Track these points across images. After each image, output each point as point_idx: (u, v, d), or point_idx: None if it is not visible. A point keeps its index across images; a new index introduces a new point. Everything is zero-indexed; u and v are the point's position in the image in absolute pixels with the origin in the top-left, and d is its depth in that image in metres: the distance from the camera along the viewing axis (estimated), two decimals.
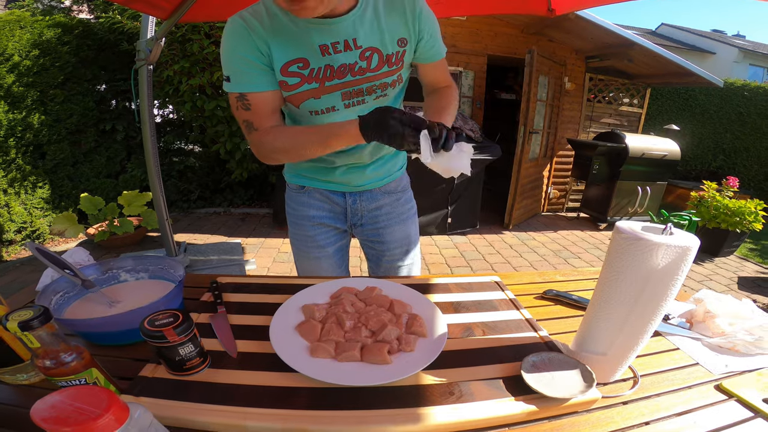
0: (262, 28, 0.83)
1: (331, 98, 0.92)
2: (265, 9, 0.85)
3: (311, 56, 0.87)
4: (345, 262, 1.29)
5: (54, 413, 0.39)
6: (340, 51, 0.87)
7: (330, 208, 1.17)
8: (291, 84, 0.89)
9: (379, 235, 1.20)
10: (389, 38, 0.90)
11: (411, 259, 1.25)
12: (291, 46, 0.85)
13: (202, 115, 4.33)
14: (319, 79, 0.89)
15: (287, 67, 0.87)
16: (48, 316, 0.52)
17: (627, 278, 0.64)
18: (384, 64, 0.92)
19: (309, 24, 0.83)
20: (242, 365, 0.69)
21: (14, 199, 3.61)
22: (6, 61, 3.55)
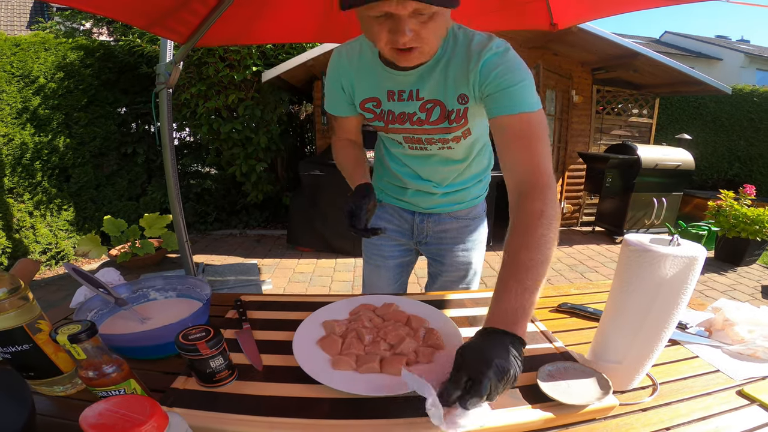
0: (349, 64, 0.98)
1: (395, 137, 1.05)
2: (360, 47, 0.97)
3: (382, 97, 0.97)
4: (403, 278, 1.35)
5: (101, 420, 0.43)
6: (403, 99, 0.94)
7: (399, 224, 1.25)
8: (367, 117, 1.04)
9: (440, 255, 1.25)
10: (451, 93, 0.89)
11: (467, 283, 1.27)
12: (370, 85, 0.97)
13: (218, 138, 4.44)
14: (384, 120, 1.00)
15: (365, 103, 1.00)
16: (94, 330, 0.57)
17: (637, 289, 0.66)
18: (445, 119, 0.92)
19: (383, 70, 0.92)
20: (267, 378, 0.72)
21: (40, 221, 3.75)
22: (32, 83, 3.67)
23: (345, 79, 0.99)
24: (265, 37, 2.23)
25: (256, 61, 4.14)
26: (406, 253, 1.31)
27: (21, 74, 3.61)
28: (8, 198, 3.54)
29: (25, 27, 9.43)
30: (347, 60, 0.97)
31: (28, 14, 9.97)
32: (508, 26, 1.93)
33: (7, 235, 3.51)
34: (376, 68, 0.93)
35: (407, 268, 1.35)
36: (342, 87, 1.01)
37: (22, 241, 3.60)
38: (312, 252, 4.18)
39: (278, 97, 4.54)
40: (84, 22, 5.42)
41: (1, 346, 0.65)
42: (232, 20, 1.62)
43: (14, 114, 3.57)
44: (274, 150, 4.72)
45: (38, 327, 0.66)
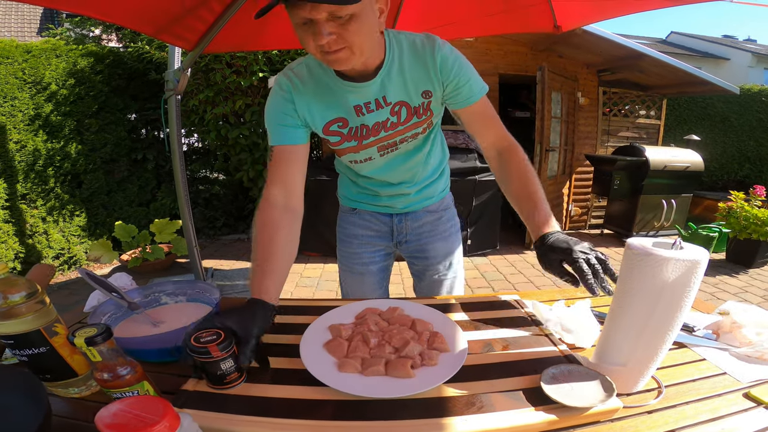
0: (303, 89, 0.92)
1: (368, 151, 1.04)
2: (307, 69, 0.94)
3: (349, 116, 0.96)
4: (386, 281, 1.37)
5: (116, 420, 0.45)
6: (372, 110, 0.95)
7: (377, 228, 1.27)
8: (333, 142, 1.01)
9: (423, 250, 1.29)
10: (414, 91, 0.95)
11: (453, 272, 1.32)
12: (331, 106, 0.95)
13: (226, 144, 4.48)
14: (357, 137, 0.99)
15: (329, 126, 0.97)
16: (110, 333, 0.59)
17: (640, 292, 0.66)
18: (413, 116, 0.98)
19: (344, 86, 0.92)
20: (275, 380, 0.74)
21: (53, 226, 3.81)
22: (44, 90, 3.71)
23: (299, 105, 0.93)
24: (271, 43, 2.26)
25: (263, 67, 4.17)
26: (386, 257, 1.34)
27: (33, 81, 3.66)
28: (22, 204, 3.61)
29: (36, 33, 9.57)
30: (300, 85, 0.92)
31: (39, 21, 10.13)
32: (511, 29, 1.93)
33: (20, 240, 3.58)
34: (335, 85, 0.93)
35: (388, 272, 1.37)
36: (292, 115, 0.94)
37: (35, 246, 3.67)
38: (319, 257, 4.20)
39: None
40: (93, 28, 5.49)
41: (18, 348, 0.67)
42: (238, 27, 1.65)
43: (27, 120, 3.62)
44: None
45: (55, 330, 0.68)
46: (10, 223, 3.52)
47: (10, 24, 9.74)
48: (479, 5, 1.73)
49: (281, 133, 0.94)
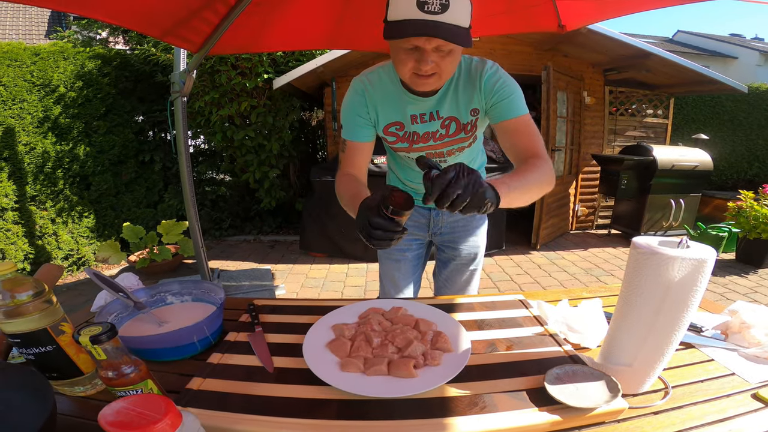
0: (374, 92, 1.08)
1: (418, 154, 1.15)
2: (379, 77, 1.08)
3: (405, 121, 1.10)
4: (420, 269, 1.51)
5: (119, 418, 0.45)
6: (426, 121, 1.09)
7: (417, 219, 1.40)
8: (389, 141, 1.16)
9: (454, 241, 1.42)
10: (464, 109, 1.07)
11: (476, 264, 1.45)
12: (393, 111, 1.09)
13: (232, 145, 4.50)
14: (409, 141, 1.13)
15: (388, 128, 1.12)
16: (114, 331, 0.59)
17: (646, 292, 0.66)
18: (461, 131, 1.11)
19: (407, 97, 1.06)
20: (278, 379, 0.74)
21: (62, 227, 3.85)
22: (52, 92, 3.75)
23: (369, 105, 1.08)
24: (276, 45, 2.27)
25: (267, 68, 4.19)
26: (421, 246, 1.47)
27: (41, 83, 3.69)
28: (31, 206, 3.65)
29: (44, 36, 9.63)
30: (371, 88, 1.07)
31: (46, 24, 10.21)
32: (515, 29, 1.92)
33: (30, 241, 3.62)
34: (400, 95, 1.06)
35: (423, 260, 1.51)
36: (364, 114, 1.09)
37: (44, 247, 3.71)
38: (324, 257, 4.21)
39: (290, 103, 4.59)
40: (100, 31, 5.52)
41: (25, 347, 0.68)
42: (242, 29, 1.66)
43: (36, 123, 3.65)
44: (287, 156, 4.77)
45: (61, 329, 0.69)
46: (20, 224, 3.56)
47: (17, 27, 9.84)
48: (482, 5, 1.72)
49: (354, 131, 1.10)
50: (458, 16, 0.83)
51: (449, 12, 0.81)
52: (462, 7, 0.83)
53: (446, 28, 0.81)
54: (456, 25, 0.83)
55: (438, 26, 0.81)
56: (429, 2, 0.80)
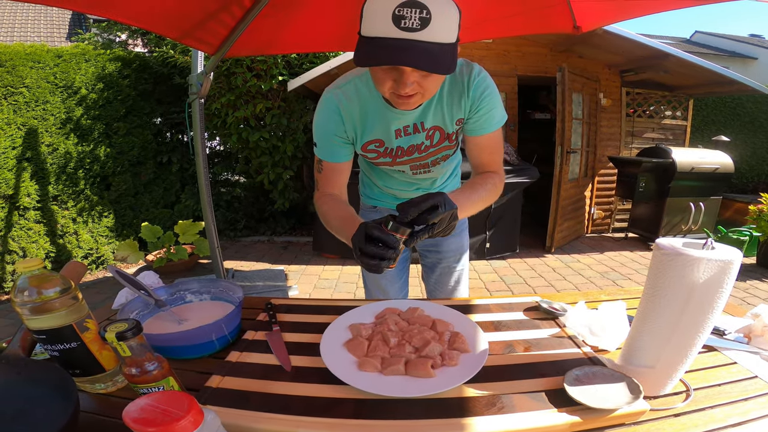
0: (350, 108, 0.97)
1: (401, 167, 1.13)
2: (355, 89, 0.97)
3: (386, 138, 1.02)
4: (405, 273, 1.48)
5: (143, 414, 0.46)
6: (410, 134, 1.02)
7: None
8: (369, 156, 1.09)
9: (436, 244, 1.40)
10: (449, 119, 1.00)
11: (462, 265, 1.43)
12: (374, 128, 1.00)
13: (247, 147, 4.56)
14: (392, 156, 1.07)
15: (367, 146, 1.05)
16: (139, 328, 0.61)
17: (669, 293, 0.65)
18: (445, 140, 1.05)
19: (389, 111, 0.96)
20: (296, 378, 0.74)
21: (82, 227, 3.94)
22: (74, 94, 3.83)
23: (347, 123, 0.99)
24: (290, 47, 2.29)
25: (282, 70, 4.23)
26: (405, 251, 1.42)
27: (64, 85, 3.78)
28: (53, 205, 3.74)
29: (65, 39, 9.78)
30: (347, 103, 0.97)
31: (67, 26, 10.34)
32: (530, 30, 1.91)
33: (51, 240, 3.72)
34: (381, 109, 0.97)
35: (407, 263, 1.48)
36: (340, 132, 1.00)
37: (65, 246, 3.80)
38: (337, 259, 4.23)
39: (303, 105, 4.63)
40: (120, 33, 5.62)
41: (50, 343, 0.69)
42: (258, 31, 1.68)
43: (58, 124, 3.74)
44: (300, 158, 4.81)
45: (86, 326, 0.70)
46: (41, 223, 3.66)
47: (39, 29, 10.00)
48: (497, 7, 1.72)
49: (330, 151, 1.02)
50: (441, 31, 0.73)
51: (430, 28, 0.71)
52: (446, 19, 0.73)
53: (425, 50, 0.72)
54: (438, 43, 0.73)
55: (416, 48, 0.71)
56: (406, 17, 0.70)
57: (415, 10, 0.70)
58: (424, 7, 0.70)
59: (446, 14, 0.73)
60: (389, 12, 0.70)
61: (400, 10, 0.70)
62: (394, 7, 0.70)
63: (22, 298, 0.65)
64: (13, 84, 3.46)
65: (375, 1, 0.74)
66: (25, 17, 10.19)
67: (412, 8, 0.70)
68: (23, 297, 0.65)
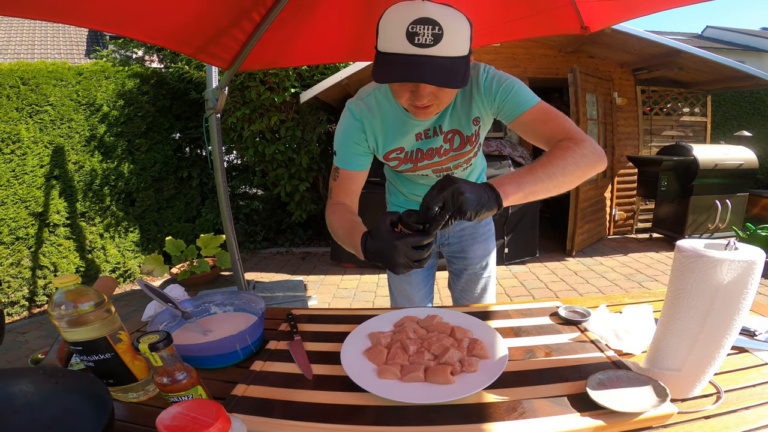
0: (372, 119, 1.01)
1: (424, 171, 1.14)
2: (376, 100, 1.01)
3: (407, 144, 1.06)
4: (431, 279, 1.49)
5: (174, 422, 0.48)
6: (429, 137, 1.04)
7: None
8: (392, 164, 1.12)
9: (463, 251, 1.40)
10: (465, 121, 1.02)
11: (489, 272, 1.43)
12: (395, 137, 1.04)
13: (264, 160, 4.63)
14: (412, 161, 1.09)
15: (389, 155, 1.08)
16: (170, 339, 0.63)
17: (693, 296, 0.64)
18: (466, 144, 1.07)
19: (407, 117, 0.99)
20: (317, 386, 0.76)
21: (109, 242, 4.07)
22: (97, 111, 3.92)
23: (368, 133, 1.02)
24: (301, 59, 2.33)
25: (294, 82, 4.28)
26: (431, 257, 1.40)
27: (87, 102, 3.87)
28: (81, 222, 3.88)
29: (84, 55, 10.03)
30: (369, 115, 1.01)
31: (85, 42, 10.60)
32: (538, 32, 1.90)
33: (81, 255, 3.85)
34: (401, 117, 1.00)
35: (433, 270, 1.48)
36: (362, 141, 1.03)
37: (94, 261, 3.94)
38: (355, 268, 4.25)
39: (317, 117, 4.69)
40: (136, 50, 5.76)
41: (86, 354, 0.72)
42: (269, 44, 1.72)
43: (83, 142, 3.85)
44: (316, 169, 4.87)
45: (119, 337, 0.74)
46: (71, 239, 3.80)
47: (59, 45, 10.28)
48: (504, 11, 1.72)
49: (349, 160, 1.04)
50: (453, 45, 0.75)
51: (442, 43, 0.73)
52: (458, 33, 0.75)
53: (438, 66, 0.74)
54: (451, 57, 0.75)
55: (430, 64, 0.74)
56: (420, 33, 0.72)
57: (428, 27, 0.72)
58: (435, 23, 0.72)
59: (458, 29, 0.75)
60: (403, 29, 0.73)
61: (413, 27, 0.72)
62: (408, 24, 0.73)
63: (59, 312, 0.69)
64: (37, 102, 3.54)
65: (389, 18, 0.76)
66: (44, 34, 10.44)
67: (424, 25, 0.72)
68: (60, 311, 0.69)
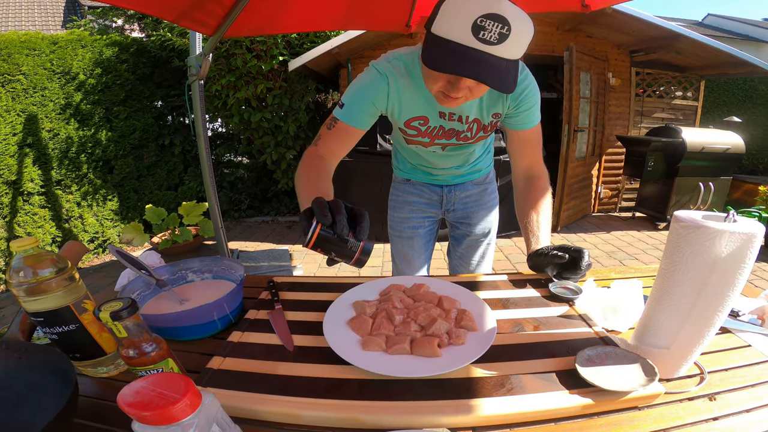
0: (397, 83, 0.97)
1: (435, 147, 1.14)
2: (405, 66, 0.97)
3: (431, 116, 1.03)
4: (431, 244, 1.50)
5: (138, 398, 0.43)
6: (454, 120, 1.04)
7: (429, 197, 1.39)
8: (408, 133, 1.08)
9: (467, 217, 1.42)
10: (487, 113, 1.03)
11: (489, 239, 1.45)
12: (418, 105, 1.00)
13: (249, 127, 4.54)
14: (431, 136, 1.08)
15: (410, 122, 1.04)
16: (135, 307, 0.58)
17: (689, 269, 0.61)
18: (481, 130, 1.08)
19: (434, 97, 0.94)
20: (298, 358, 0.72)
21: (87, 211, 3.96)
22: (72, 79, 3.82)
23: (392, 95, 0.98)
24: (290, 26, 2.22)
25: (282, 50, 4.17)
26: (433, 223, 1.47)
27: (61, 71, 3.76)
28: (57, 190, 3.74)
29: (61, 26, 9.67)
30: (395, 79, 0.96)
31: (62, 14, 10.24)
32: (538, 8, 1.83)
33: (57, 224, 3.73)
34: (427, 94, 0.96)
35: (434, 236, 1.50)
36: (379, 102, 0.98)
37: (71, 230, 3.82)
38: None
39: (305, 85, 4.57)
40: (116, 19, 5.59)
41: (48, 326, 0.67)
42: (256, 10, 1.62)
43: (58, 110, 3.74)
44: (303, 137, 4.77)
45: (84, 307, 0.68)
46: (46, 208, 3.67)
47: (33, 18, 9.90)
48: None
49: (356, 114, 0.98)
50: (514, 48, 0.72)
51: (506, 44, 0.70)
52: (522, 37, 0.72)
53: (494, 66, 0.71)
54: (506, 59, 0.72)
55: (488, 63, 0.70)
56: (487, 29, 0.68)
57: (497, 24, 0.69)
58: (506, 22, 0.69)
59: (524, 32, 0.72)
60: (470, 20, 0.69)
61: (482, 20, 0.68)
62: (477, 17, 0.69)
63: (17, 279, 0.63)
64: (9, 72, 3.46)
65: (458, 4, 0.71)
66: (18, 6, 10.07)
67: (494, 21, 0.68)
68: (19, 278, 0.63)
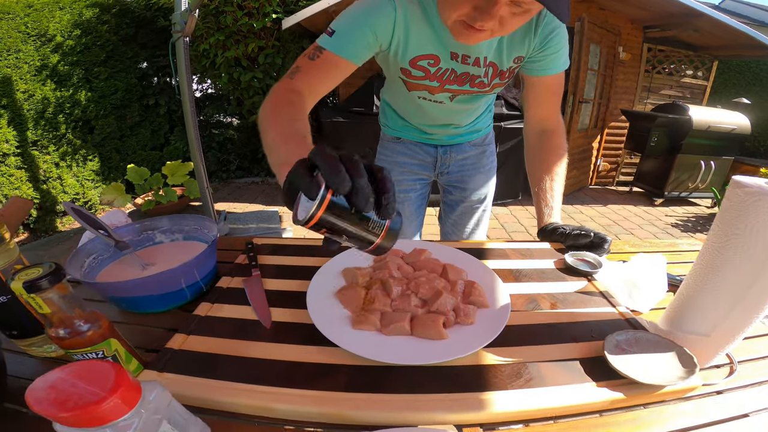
0: (405, 14, 0.81)
1: (442, 96, 0.98)
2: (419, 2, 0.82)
3: (443, 56, 0.88)
4: (423, 209, 1.38)
5: (51, 395, 0.31)
6: (468, 64, 0.89)
7: (421, 158, 1.26)
8: (414, 75, 0.91)
9: (463, 181, 1.30)
10: (507, 56, 0.90)
11: (485, 206, 1.35)
12: (427, 41, 0.85)
13: (239, 87, 4.39)
14: (441, 80, 0.92)
15: (417, 60, 0.88)
16: (59, 274, 0.44)
17: (750, 243, 0.50)
18: (497, 77, 0.95)
19: (448, 34, 0.80)
20: (276, 338, 0.60)
21: (66, 171, 3.82)
22: (49, 41, 3.70)
23: (398, 27, 0.82)
24: None
25: (276, 8, 3.97)
26: (425, 186, 1.35)
27: (37, 33, 3.64)
28: (33, 150, 3.59)
29: None
30: (403, 4, 0.80)
31: None
32: None
33: (34, 186, 3.57)
34: (438, 29, 0.83)
35: (425, 200, 1.38)
36: (382, 33, 0.82)
37: (50, 191, 3.67)
38: None
39: (299, 45, 4.37)
40: None
41: None
42: None
43: (33, 71, 3.62)
44: None
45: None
46: (22, 169, 3.51)
47: None
48: None
49: (349, 44, 0.80)
50: None
51: None
52: None
53: None
54: None
55: None
56: None
57: None
58: None
59: None
60: None
61: None
62: None
63: None
64: None
65: None
66: None
67: None
68: None
